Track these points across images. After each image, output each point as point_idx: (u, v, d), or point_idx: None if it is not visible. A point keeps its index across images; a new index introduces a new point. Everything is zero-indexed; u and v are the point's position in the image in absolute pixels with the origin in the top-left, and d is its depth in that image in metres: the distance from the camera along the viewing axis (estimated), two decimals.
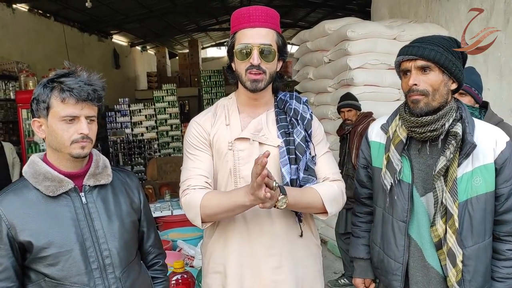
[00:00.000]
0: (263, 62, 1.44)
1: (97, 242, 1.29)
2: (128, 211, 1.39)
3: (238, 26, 1.48)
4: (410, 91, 1.42)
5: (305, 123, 1.55)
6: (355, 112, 3.66)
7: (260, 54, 1.43)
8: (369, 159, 1.65)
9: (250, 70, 1.44)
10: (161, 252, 1.58)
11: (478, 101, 2.11)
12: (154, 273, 1.54)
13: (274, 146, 1.50)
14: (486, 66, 4.04)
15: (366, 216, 1.73)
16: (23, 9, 8.36)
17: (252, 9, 1.46)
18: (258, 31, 1.44)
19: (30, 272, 1.27)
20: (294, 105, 1.57)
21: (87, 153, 1.28)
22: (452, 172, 1.40)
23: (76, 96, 1.22)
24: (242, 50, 1.44)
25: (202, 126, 1.55)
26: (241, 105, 1.57)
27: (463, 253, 1.41)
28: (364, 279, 1.73)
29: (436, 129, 1.41)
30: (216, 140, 1.52)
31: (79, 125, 1.25)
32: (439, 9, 4.76)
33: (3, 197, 1.25)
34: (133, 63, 15.04)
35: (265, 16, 1.46)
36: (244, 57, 1.45)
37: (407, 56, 1.42)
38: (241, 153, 1.50)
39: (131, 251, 1.39)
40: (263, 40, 1.44)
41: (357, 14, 9.51)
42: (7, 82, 7.08)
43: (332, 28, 4.82)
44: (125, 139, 9.18)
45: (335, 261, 4.33)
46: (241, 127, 1.53)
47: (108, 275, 1.30)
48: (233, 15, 1.51)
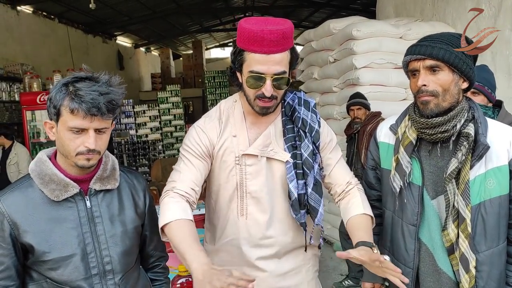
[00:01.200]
0: (275, 90, 1.36)
1: (99, 248, 1.27)
2: (132, 217, 1.36)
3: (249, 47, 1.32)
4: (419, 92, 1.37)
5: (313, 135, 1.48)
6: (364, 111, 3.62)
7: (274, 82, 1.34)
8: (377, 160, 1.61)
9: (261, 98, 1.36)
10: (163, 255, 1.55)
11: (491, 100, 2.06)
12: (154, 275, 1.52)
13: (283, 161, 1.46)
14: (494, 65, 3.98)
15: (375, 219, 1.69)
16: (27, 11, 8.39)
17: (267, 32, 1.27)
18: (272, 58, 1.31)
19: (32, 271, 1.26)
20: (302, 114, 1.49)
21: (93, 164, 1.24)
22: (464, 175, 1.35)
23: (85, 110, 1.15)
24: (254, 79, 1.34)
25: (207, 135, 1.47)
26: (247, 112, 1.49)
27: (476, 259, 1.37)
28: (373, 284, 1.69)
29: (447, 130, 1.36)
30: (222, 152, 1.46)
31: (86, 138, 1.19)
32: (445, 7, 4.71)
33: (7, 196, 1.23)
34: (137, 65, 15.08)
35: (282, 40, 1.30)
36: (255, 86, 1.35)
37: (415, 55, 1.36)
38: (248, 168, 1.45)
39: (132, 258, 1.37)
40: (277, 68, 1.32)
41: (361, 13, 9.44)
42: (12, 84, 7.11)
43: (337, 28, 4.78)
44: (130, 140, 9.18)
45: (342, 263, 4.28)
46: (248, 140, 1.46)
47: (107, 281, 1.28)
48: (242, 29, 1.33)
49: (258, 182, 1.45)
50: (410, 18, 5.00)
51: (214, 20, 14.23)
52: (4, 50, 7.36)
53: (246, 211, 1.47)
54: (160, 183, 5.69)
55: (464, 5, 4.39)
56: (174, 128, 10.22)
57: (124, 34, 13.01)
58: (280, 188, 1.48)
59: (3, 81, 6.95)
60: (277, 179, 1.47)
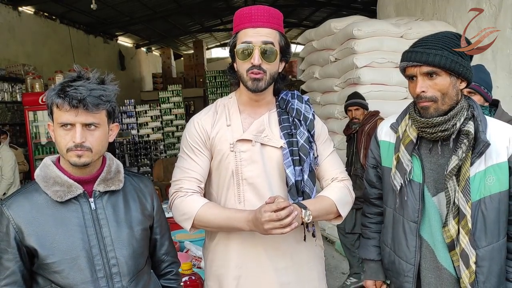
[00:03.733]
0: (264, 62, 1.41)
1: (104, 250, 1.25)
2: (139, 218, 1.34)
3: (240, 26, 1.46)
4: (418, 98, 1.38)
5: (307, 124, 1.53)
6: (362, 111, 3.63)
7: (262, 54, 1.41)
8: (378, 158, 1.63)
9: (251, 70, 1.42)
10: (175, 261, 1.52)
11: (487, 100, 2.08)
12: (166, 282, 1.48)
13: (277, 147, 1.49)
14: (495, 64, 3.99)
15: (376, 217, 1.71)
16: (29, 11, 8.41)
17: (254, 9, 1.44)
18: (260, 31, 1.42)
19: (38, 277, 1.25)
20: (296, 105, 1.55)
21: (85, 162, 1.22)
22: (464, 172, 1.37)
23: (68, 102, 1.17)
24: (243, 50, 1.42)
25: (202, 126, 1.52)
26: (242, 104, 1.54)
27: (477, 254, 1.38)
28: (375, 281, 1.70)
29: (447, 129, 1.38)
30: (217, 141, 1.50)
31: (73, 133, 1.19)
32: (446, 6, 4.72)
33: (12, 200, 1.24)
34: (139, 65, 15.09)
35: (268, 16, 1.44)
36: (245, 57, 1.42)
37: (411, 62, 1.37)
38: (243, 155, 1.48)
39: (140, 260, 1.34)
40: (265, 39, 1.41)
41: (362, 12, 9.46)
42: (14, 85, 7.14)
43: (338, 27, 4.79)
44: (131, 140, 9.21)
45: (343, 261, 4.30)
46: (242, 128, 1.50)
47: (115, 284, 1.25)
48: (235, 14, 1.49)
49: (254, 169, 1.47)
50: (410, 17, 5.01)
51: (215, 19, 14.23)
52: (6, 50, 7.39)
53: (244, 197, 1.48)
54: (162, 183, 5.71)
55: (465, 4, 4.40)
56: (175, 128, 10.24)
57: (125, 34, 13.03)
58: (277, 174, 1.49)
59: (5, 82, 6.98)
60: (273, 166, 1.49)
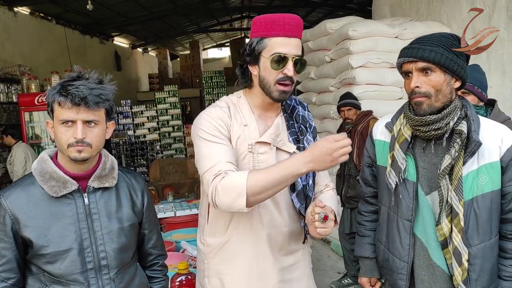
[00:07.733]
0: (295, 73, 1.43)
1: (95, 243, 1.32)
2: (129, 214, 1.41)
3: (270, 32, 1.41)
4: (412, 93, 1.41)
5: (312, 131, 1.58)
6: (355, 111, 3.65)
7: (295, 65, 1.42)
8: (373, 157, 1.65)
9: (282, 81, 1.41)
10: (162, 254, 1.59)
11: (482, 99, 2.09)
12: (152, 272, 1.55)
13: (290, 152, 1.51)
14: (489, 64, 4.03)
15: (371, 215, 1.73)
16: (24, 12, 8.38)
17: (288, 18, 1.41)
18: (293, 42, 1.41)
19: (31, 265, 1.32)
20: (301, 112, 1.59)
21: (85, 157, 1.28)
22: (457, 171, 1.39)
23: (70, 100, 1.23)
24: (278, 60, 1.40)
25: (221, 119, 1.47)
26: (254, 106, 1.53)
27: (469, 252, 1.40)
28: (370, 278, 1.72)
29: (441, 128, 1.40)
30: (235, 140, 1.47)
31: (75, 129, 1.26)
32: (440, 7, 4.75)
33: (10, 192, 1.30)
34: (135, 65, 15.07)
35: (299, 27, 1.43)
36: (278, 67, 1.41)
37: (407, 58, 1.40)
38: (261, 157, 1.48)
39: (128, 254, 1.41)
40: (297, 51, 1.42)
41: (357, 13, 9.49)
42: (10, 85, 7.10)
43: (333, 27, 4.81)
44: (128, 140, 9.18)
45: (339, 261, 4.32)
46: (258, 130, 1.50)
47: (102, 276, 1.33)
48: (261, 19, 1.45)
49: None
50: (405, 18, 5.04)
51: (211, 20, 14.24)
52: (1, 51, 7.35)
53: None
54: (158, 183, 5.70)
55: (459, 5, 4.43)
56: (172, 129, 10.23)
57: (121, 34, 13.00)
58: None
59: (1, 83, 6.93)
60: None
